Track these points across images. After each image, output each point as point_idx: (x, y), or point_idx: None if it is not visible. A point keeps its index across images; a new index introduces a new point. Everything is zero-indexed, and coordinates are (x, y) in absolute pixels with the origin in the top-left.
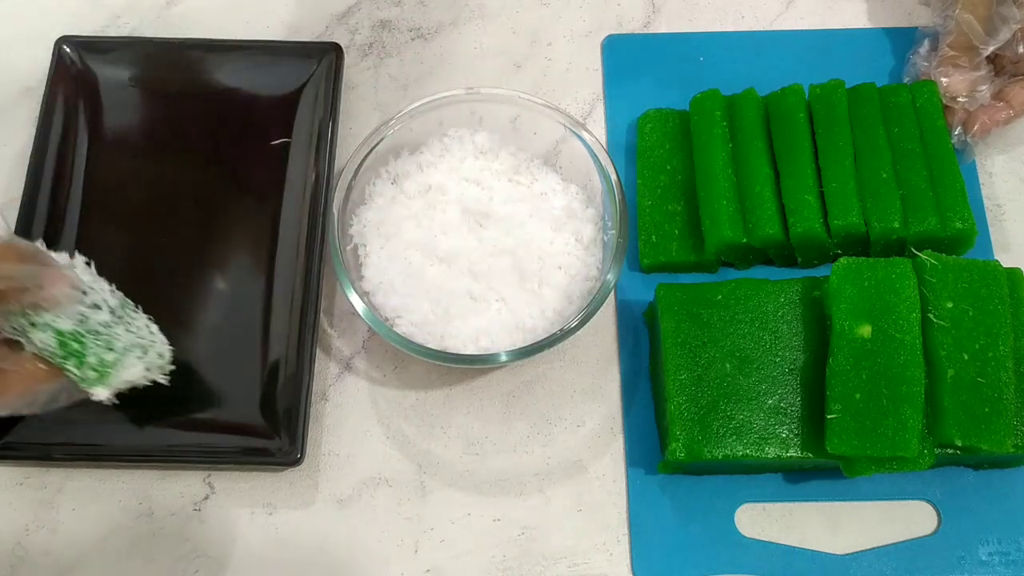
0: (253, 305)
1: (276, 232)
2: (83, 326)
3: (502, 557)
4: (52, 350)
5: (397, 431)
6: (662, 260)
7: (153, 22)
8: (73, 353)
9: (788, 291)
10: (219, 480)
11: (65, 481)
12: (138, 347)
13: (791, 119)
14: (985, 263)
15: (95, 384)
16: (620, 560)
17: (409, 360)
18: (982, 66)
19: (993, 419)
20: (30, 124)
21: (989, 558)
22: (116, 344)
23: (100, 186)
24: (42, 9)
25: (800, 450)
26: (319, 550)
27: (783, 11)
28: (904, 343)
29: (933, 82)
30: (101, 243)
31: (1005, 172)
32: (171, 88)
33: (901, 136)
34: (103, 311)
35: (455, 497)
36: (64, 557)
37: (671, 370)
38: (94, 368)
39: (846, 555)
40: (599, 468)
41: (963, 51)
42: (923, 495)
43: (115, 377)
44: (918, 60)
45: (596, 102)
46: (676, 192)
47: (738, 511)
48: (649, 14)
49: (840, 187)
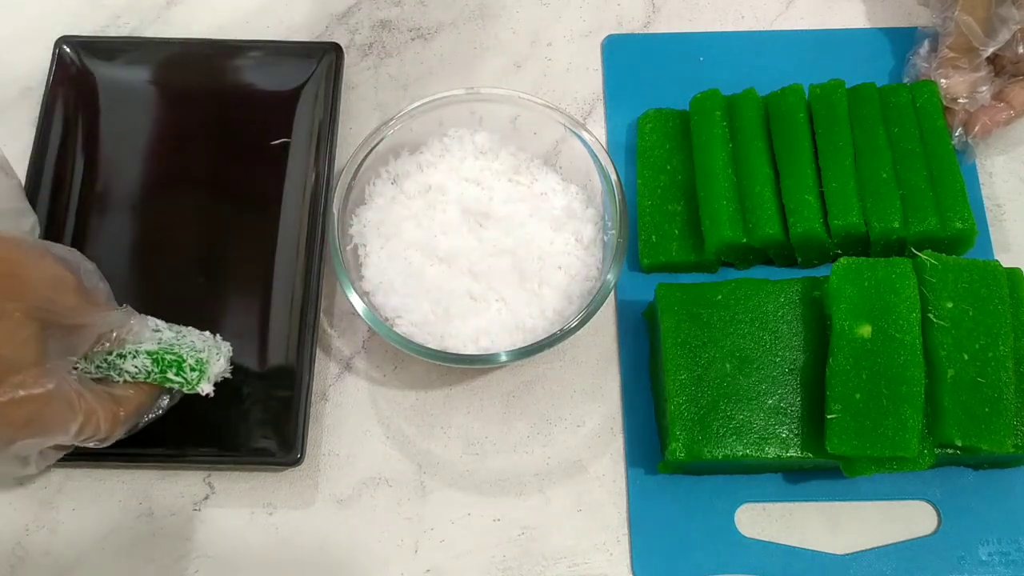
0: (253, 305)
1: (276, 232)
2: (163, 343)
3: (502, 557)
4: (149, 369)
5: (397, 431)
6: (662, 260)
7: (153, 22)
8: (171, 364)
9: (788, 291)
10: (219, 480)
11: (65, 481)
12: (209, 345)
13: (791, 119)
14: (985, 263)
15: (199, 382)
16: (620, 560)
17: (409, 360)
18: (982, 67)
19: (993, 419)
20: (30, 124)
21: (989, 558)
22: (197, 345)
23: (100, 186)
24: (42, 9)
25: (800, 450)
26: (319, 550)
27: (783, 11)
28: (904, 343)
29: (933, 82)
30: (101, 243)
31: (1005, 172)
32: (171, 88)
33: (901, 136)
34: (162, 328)
35: (455, 497)
36: (64, 557)
37: (671, 370)
38: (193, 368)
39: (846, 555)
40: (599, 468)
41: (963, 52)
42: (923, 495)
43: (211, 370)
44: (918, 61)
45: (596, 102)
46: (676, 192)
47: (738, 511)
48: (649, 14)
49: (840, 187)
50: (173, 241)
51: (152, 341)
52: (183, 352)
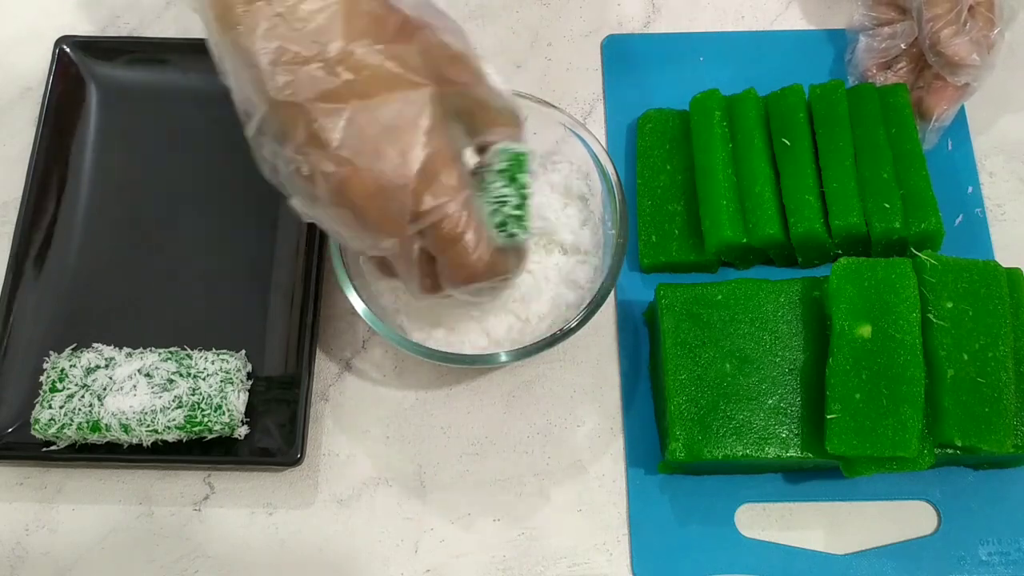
0: (253, 304)
1: (276, 232)
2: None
3: (502, 557)
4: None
5: (397, 431)
6: (662, 260)
7: (153, 22)
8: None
9: (788, 291)
10: (219, 480)
11: (65, 481)
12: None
13: (791, 119)
14: (985, 263)
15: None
16: (620, 560)
17: (409, 360)
18: (968, 19)
19: (993, 419)
20: (30, 124)
21: (989, 558)
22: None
23: (100, 186)
24: (42, 9)
25: (800, 450)
26: (319, 550)
27: (783, 11)
28: (904, 343)
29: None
30: (101, 243)
31: (1005, 172)
32: (171, 88)
33: (901, 136)
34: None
35: (455, 497)
36: (64, 557)
37: (671, 370)
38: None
39: (846, 555)
40: (599, 468)
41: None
42: (923, 495)
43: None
44: (859, 58)
45: (596, 102)
46: (676, 192)
47: (738, 511)
48: (649, 14)
49: (840, 187)
50: (172, 240)
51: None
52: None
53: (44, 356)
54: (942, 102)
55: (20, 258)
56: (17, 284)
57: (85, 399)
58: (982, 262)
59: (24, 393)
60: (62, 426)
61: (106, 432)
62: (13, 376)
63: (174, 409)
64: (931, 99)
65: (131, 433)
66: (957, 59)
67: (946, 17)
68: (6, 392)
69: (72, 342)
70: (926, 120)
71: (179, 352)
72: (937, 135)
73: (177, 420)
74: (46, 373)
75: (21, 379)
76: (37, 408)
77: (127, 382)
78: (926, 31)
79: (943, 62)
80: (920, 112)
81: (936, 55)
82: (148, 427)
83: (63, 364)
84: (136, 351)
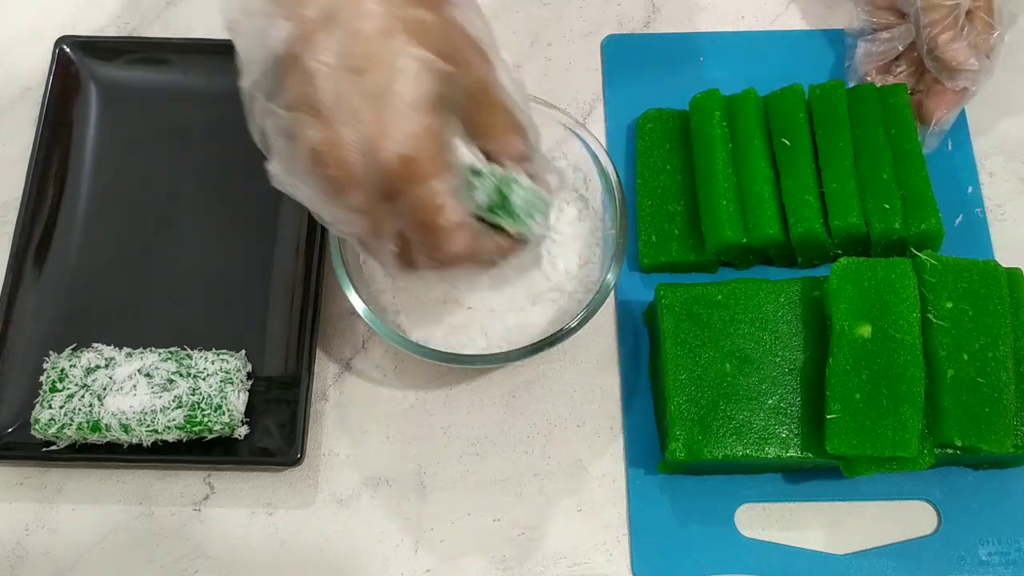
0: (253, 304)
1: (275, 232)
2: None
3: (502, 557)
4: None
5: (397, 431)
6: (662, 260)
7: (153, 22)
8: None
9: (788, 291)
10: (219, 480)
11: (65, 481)
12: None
13: (791, 119)
14: (985, 263)
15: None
16: (620, 560)
17: (409, 360)
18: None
19: (993, 419)
20: (30, 124)
21: (989, 558)
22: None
23: (100, 186)
24: (42, 9)
25: (800, 450)
26: (319, 550)
27: (783, 11)
28: (904, 343)
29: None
30: (101, 243)
31: (1005, 172)
32: (171, 88)
33: (901, 136)
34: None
35: (455, 497)
36: (64, 557)
37: (671, 370)
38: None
39: (846, 555)
40: (599, 468)
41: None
42: (923, 495)
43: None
44: (857, 61)
45: (596, 102)
46: (676, 192)
47: (738, 511)
48: (649, 14)
49: (840, 187)
50: (173, 240)
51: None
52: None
53: (44, 356)
54: (941, 106)
55: (20, 258)
56: (17, 284)
57: (85, 399)
58: (982, 262)
59: (24, 393)
60: (62, 426)
61: (106, 432)
62: (13, 376)
63: (174, 409)
64: (930, 103)
65: (131, 433)
66: (955, 64)
67: (944, 22)
68: (6, 392)
69: (72, 342)
70: (926, 124)
71: (179, 352)
72: (937, 139)
73: (177, 420)
74: (46, 373)
75: (21, 379)
76: (37, 408)
77: (127, 382)
78: (924, 36)
79: (941, 67)
80: (920, 116)
81: (934, 60)
82: (148, 427)
83: (63, 364)
84: (136, 351)
